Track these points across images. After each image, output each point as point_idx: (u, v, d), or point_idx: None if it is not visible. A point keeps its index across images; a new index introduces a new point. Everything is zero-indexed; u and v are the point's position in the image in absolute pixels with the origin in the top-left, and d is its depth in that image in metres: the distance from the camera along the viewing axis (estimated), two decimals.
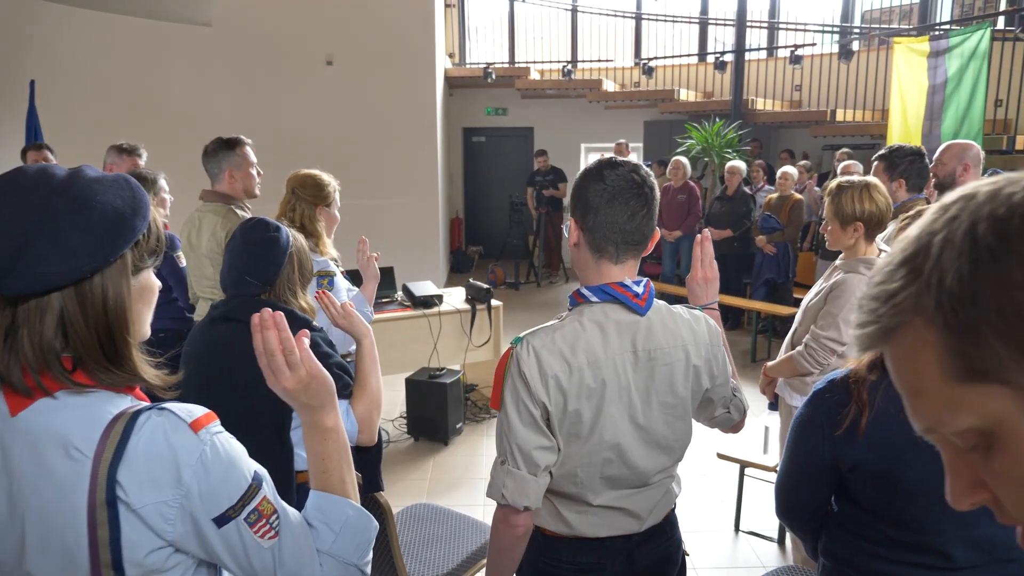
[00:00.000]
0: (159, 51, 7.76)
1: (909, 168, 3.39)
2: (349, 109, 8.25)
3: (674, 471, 1.63)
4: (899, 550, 1.41)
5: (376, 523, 1.11)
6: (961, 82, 6.50)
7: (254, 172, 3.19)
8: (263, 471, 1.02)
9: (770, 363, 2.80)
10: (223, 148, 3.12)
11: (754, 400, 4.11)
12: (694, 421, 1.64)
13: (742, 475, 3.58)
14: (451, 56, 10.58)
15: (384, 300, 4.88)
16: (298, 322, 1.77)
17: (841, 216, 2.54)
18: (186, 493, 0.92)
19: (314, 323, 1.84)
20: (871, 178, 2.60)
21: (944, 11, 9.13)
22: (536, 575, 1.61)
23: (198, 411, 0.97)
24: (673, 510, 1.68)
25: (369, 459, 1.89)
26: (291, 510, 1.04)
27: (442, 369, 4.72)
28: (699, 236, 1.74)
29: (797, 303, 6.77)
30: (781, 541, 3.44)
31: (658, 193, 1.50)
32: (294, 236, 1.93)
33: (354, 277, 3.12)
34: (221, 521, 0.94)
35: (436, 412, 4.56)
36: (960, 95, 6.51)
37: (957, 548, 1.39)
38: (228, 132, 3.22)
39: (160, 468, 0.91)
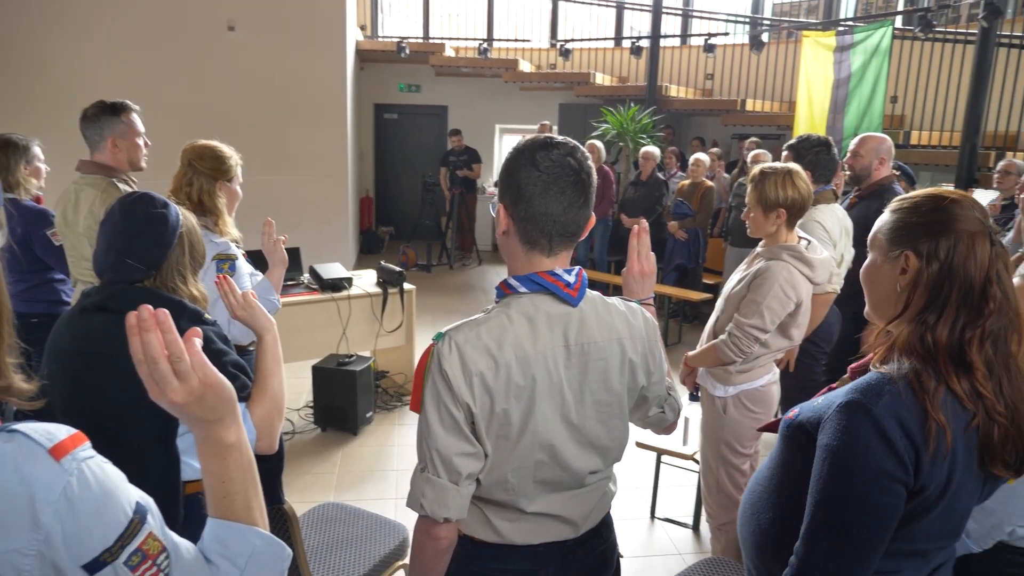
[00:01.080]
0: (41, 10, 7.09)
1: (816, 159, 3.42)
2: (253, 79, 7.79)
3: (610, 472, 1.54)
4: (888, 559, 1.29)
5: (289, 550, 0.95)
6: (864, 77, 6.73)
7: (141, 142, 2.89)
8: (148, 501, 0.84)
9: (691, 353, 2.76)
10: (106, 113, 2.81)
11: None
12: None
13: (659, 463, 3.57)
14: (363, 28, 10.19)
15: (289, 283, 4.62)
16: (187, 315, 1.56)
17: (764, 203, 2.52)
18: (45, 537, 0.75)
19: (206, 314, 1.63)
20: (793, 165, 2.59)
21: (848, 7, 9.47)
22: None
23: (61, 432, 0.79)
24: (609, 512, 1.59)
25: (268, 469, 1.70)
26: (184, 544, 0.87)
27: (351, 356, 4.51)
28: (636, 228, 1.64)
29: (707, 288, 6.93)
30: (696, 527, 3.46)
31: (595, 177, 1.38)
32: (184, 214, 1.70)
33: (256, 259, 2.88)
34: (94, 568, 0.77)
35: (345, 401, 4.35)
36: (863, 90, 6.75)
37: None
38: (115, 98, 2.91)
39: (9, 508, 0.73)
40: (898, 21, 7.02)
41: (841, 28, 7.12)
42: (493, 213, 1.42)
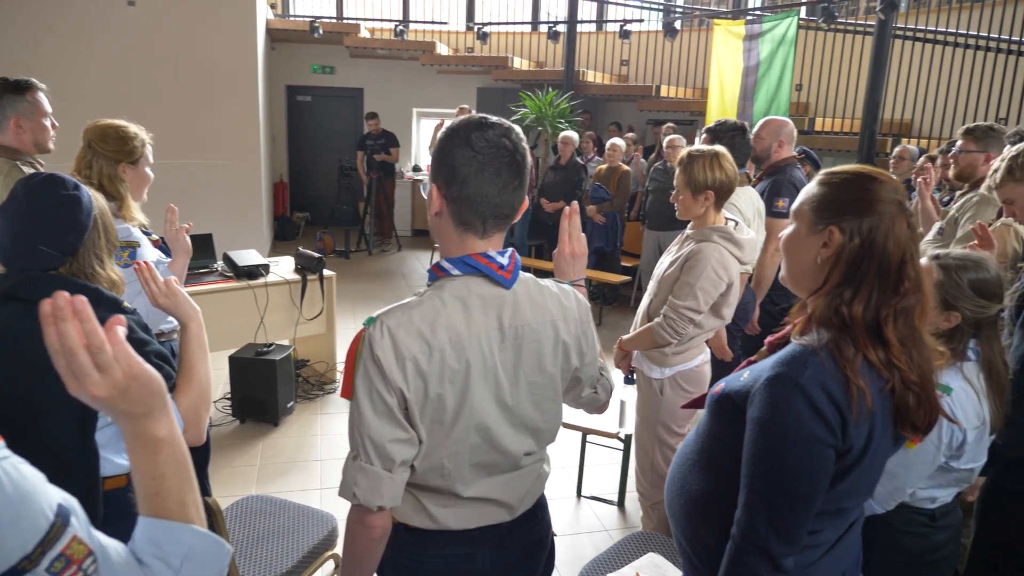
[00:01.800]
0: None
1: (732, 142, 3.54)
2: (156, 58, 7.41)
3: (544, 453, 1.55)
4: (813, 520, 1.34)
5: (229, 547, 0.91)
6: (771, 66, 6.98)
7: (47, 123, 2.72)
8: (71, 502, 0.79)
9: (626, 336, 2.80)
10: (9, 92, 2.62)
11: None
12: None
13: (584, 443, 3.64)
14: (273, 7, 9.85)
15: (202, 270, 4.44)
16: (105, 303, 1.47)
17: (693, 185, 2.56)
18: None
19: (124, 302, 1.54)
20: (719, 148, 2.64)
21: None
22: (400, 572, 1.47)
23: None
24: (543, 493, 1.60)
25: (195, 462, 1.63)
26: (113, 546, 0.82)
27: (270, 345, 4.39)
28: (567, 210, 1.64)
29: (625, 271, 7.08)
30: (621, 504, 3.54)
31: (530, 159, 1.38)
32: (95, 195, 1.60)
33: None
34: None
35: (264, 391, 4.23)
36: (770, 78, 7.00)
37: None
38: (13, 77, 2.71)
39: None
40: (803, 12, 7.30)
41: (750, 18, 7.35)
42: (425, 194, 1.39)
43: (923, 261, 1.86)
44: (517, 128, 1.36)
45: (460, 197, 1.31)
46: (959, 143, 3.65)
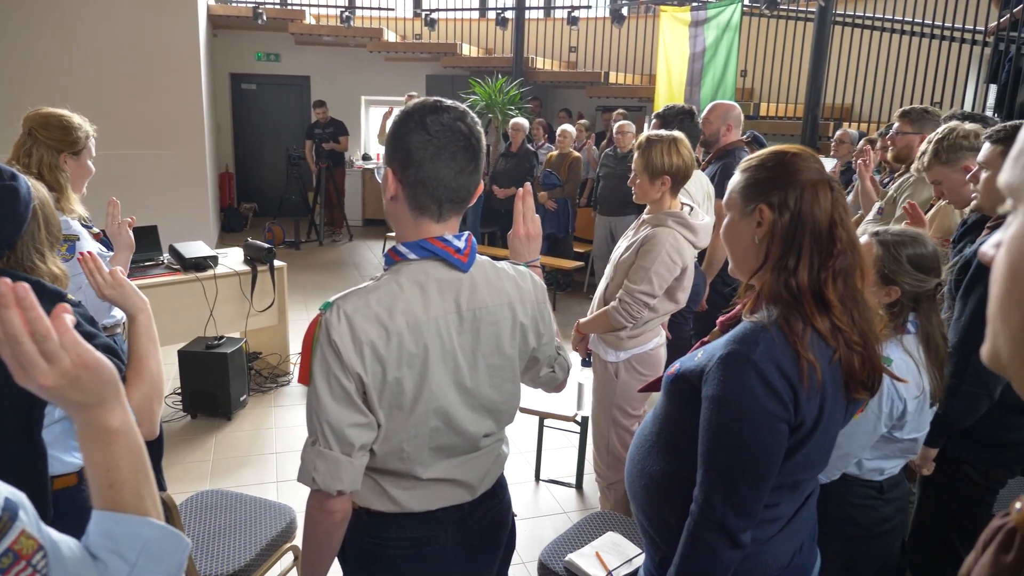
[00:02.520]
0: None
1: (680, 126, 3.59)
2: (94, 45, 7.15)
3: (502, 434, 1.56)
4: (769, 493, 1.38)
5: (188, 540, 0.89)
6: (717, 52, 7.09)
7: None
8: (19, 496, 0.77)
9: (583, 320, 2.83)
10: None
11: None
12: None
13: (541, 427, 3.67)
14: None
15: (147, 263, 4.32)
16: (47, 295, 1.42)
17: (650, 169, 2.59)
18: None
19: (68, 295, 1.50)
20: (677, 133, 2.67)
21: None
22: (361, 556, 1.47)
23: None
24: (503, 473, 1.62)
25: (149, 456, 1.60)
26: (65, 541, 0.79)
27: (221, 338, 4.30)
28: (520, 191, 1.65)
29: (578, 256, 7.13)
30: (579, 486, 3.59)
31: (484, 143, 1.38)
32: (35, 185, 1.55)
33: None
34: None
35: (216, 385, 4.15)
36: (716, 64, 7.11)
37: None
38: None
39: None
40: None
41: (695, 4, 7.44)
42: (379, 178, 1.38)
43: (863, 238, 1.92)
44: (472, 113, 1.36)
45: (415, 181, 1.31)
46: (896, 126, 3.78)
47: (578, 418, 3.32)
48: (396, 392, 1.32)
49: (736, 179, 1.43)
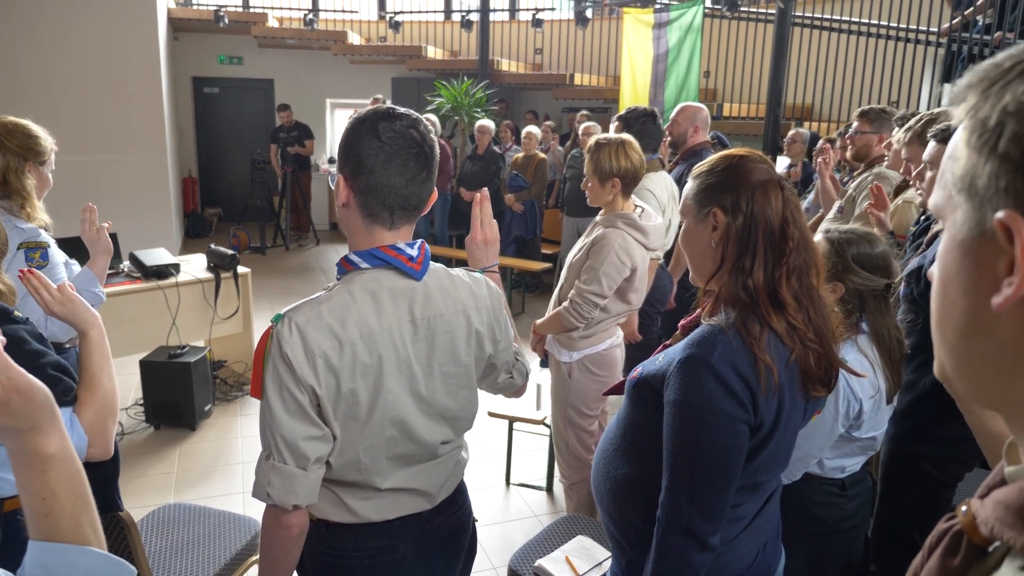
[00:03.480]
0: None
1: (643, 128, 3.63)
2: (51, 49, 6.99)
3: (461, 441, 1.55)
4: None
5: (132, 568, 0.86)
6: (680, 53, 7.15)
7: None
8: None
9: (539, 321, 2.84)
10: None
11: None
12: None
13: (511, 431, 3.66)
14: None
15: (108, 272, 4.23)
16: None
17: (600, 172, 2.62)
18: None
19: (15, 311, 1.45)
20: (625, 136, 2.70)
21: None
22: (320, 568, 1.45)
23: None
24: (462, 479, 1.61)
25: (103, 476, 1.56)
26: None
27: (184, 346, 4.23)
28: (478, 196, 1.65)
29: (546, 258, 7.14)
30: (550, 489, 3.59)
31: (438, 151, 1.37)
32: None
33: (71, 247, 2.63)
34: None
35: (180, 395, 4.08)
36: (679, 65, 7.17)
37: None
38: None
39: None
40: (708, 0, 7.50)
41: (658, 6, 7.50)
42: (333, 185, 1.37)
43: (817, 236, 1.95)
44: (424, 121, 1.35)
45: (367, 188, 1.30)
46: (855, 125, 3.85)
47: (547, 420, 3.33)
48: (351, 403, 1.31)
49: (689, 185, 1.45)
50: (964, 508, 0.55)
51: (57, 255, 2.32)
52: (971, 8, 5.35)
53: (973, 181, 0.50)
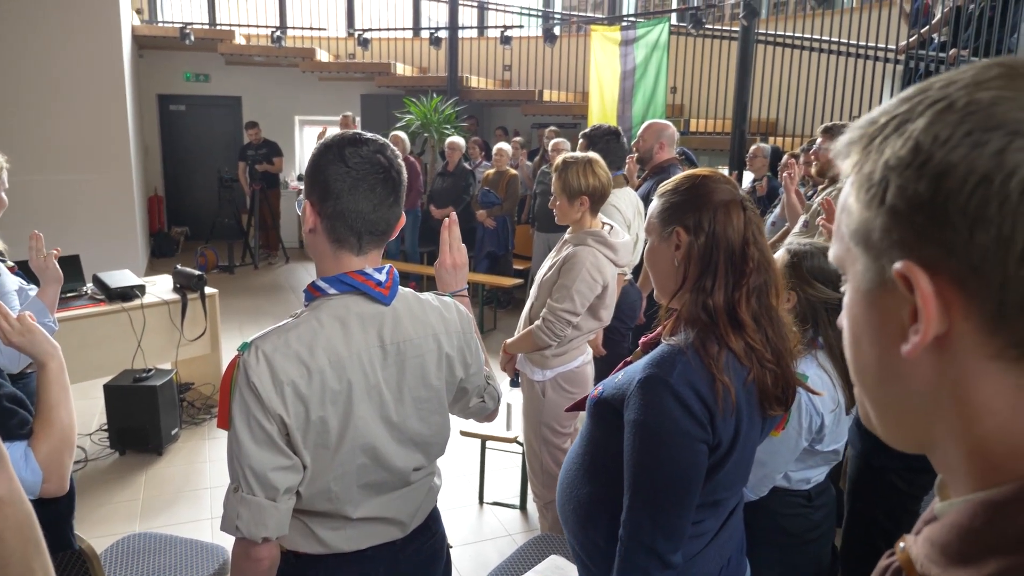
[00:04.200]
0: None
1: (607, 146, 3.67)
2: (13, 65, 6.86)
3: (434, 467, 1.54)
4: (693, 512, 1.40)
5: None
6: (647, 69, 7.24)
7: None
8: None
9: (509, 340, 2.84)
10: None
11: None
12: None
13: (483, 449, 3.64)
14: (139, 12, 9.33)
15: (70, 294, 4.15)
16: None
17: (568, 191, 2.63)
18: None
19: None
20: (592, 154, 2.73)
21: (630, 4, 10.12)
22: None
23: None
24: (436, 506, 1.59)
25: (58, 512, 1.51)
26: None
27: (150, 370, 4.15)
28: (446, 221, 1.65)
29: (518, 274, 7.15)
30: (523, 507, 3.58)
31: (405, 176, 1.37)
32: None
33: (31, 271, 2.56)
34: None
35: (145, 419, 4.00)
36: (646, 81, 7.26)
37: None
38: None
39: None
40: (673, 18, 7.62)
41: (624, 24, 7.60)
42: (299, 211, 1.36)
43: (779, 252, 1.98)
44: (392, 146, 1.35)
45: (334, 213, 1.29)
46: (819, 141, 3.92)
47: (519, 439, 3.32)
48: (321, 431, 1.29)
49: (654, 204, 1.47)
50: (902, 544, 0.56)
51: (9, 282, 2.25)
52: (927, 27, 5.50)
53: (868, 234, 0.51)
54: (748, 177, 5.95)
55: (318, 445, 1.30)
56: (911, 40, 5.56)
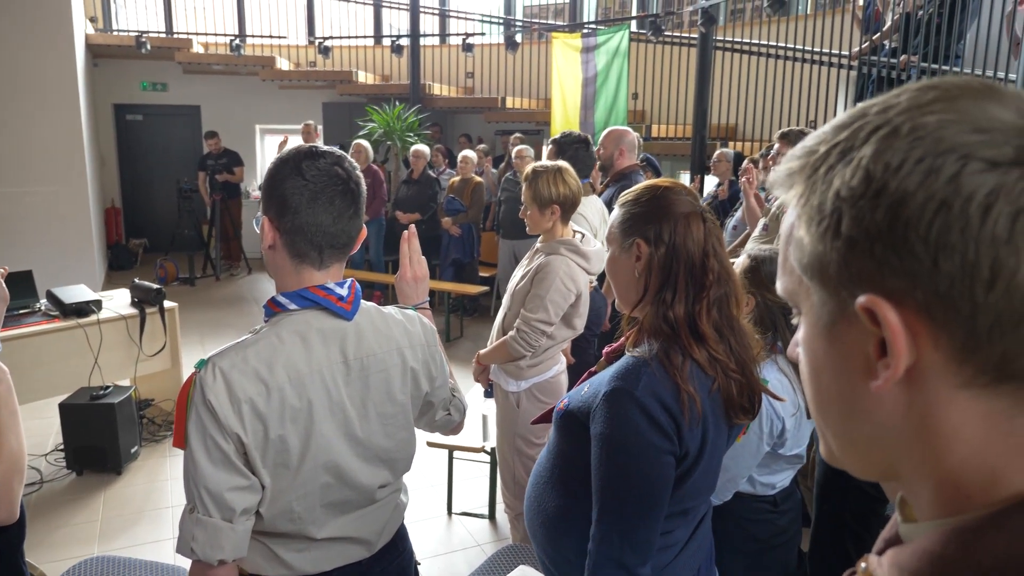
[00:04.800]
0: None
1: (576, 154, 3.69)
2: None
3: (400, 483, 1.52)
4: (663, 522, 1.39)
5: None
6: (608, 76, 7.30)
7: None
8: None
9: (483, 351, 2.82)
10: None
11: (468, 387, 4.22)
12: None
13: (451, 460, 3.62)
14: (93, 20, 9.14)
15: (22, 311, 4.04)
16: None
17: (539, 200, 2.62)
18: None
19: None
20: (562, 163, 2.73)
21: (591, 11, 10.20)
22: None
23: None
24: (403, 523, 1.57)
25: (8, 541, 1.46)
26: None
27: (108, 387, 4.04)
28: (405, 234, 1.63)
29: (484, 281, 7.14)
30: (492, 517, 3.56)
31: (364, 187, 1.36)
32: None
33: None
34: None
35: (104, 438, 3.89)
36: (608, 88, 7.32)
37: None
38: None
39: None
40: (633, 25, 7.69)
41: (585, 31, 7.65)
42: (257, 228, 1.34)
43: (741, 257, 2.00)
44: (349, 158, 1.34)
45: (293, 228, 1.27)
46: (776, 147, 3.99)
47: (487, 448, 3.30)
48: (280, 450, 1.26)
49: (615, 214, 1.47)
50: (863, 564, 0.55)
51: None
52: (878, 33, 5.64)
53: (823, 268, 0.50)
54: (711, 182, 6.03)
55: (278, 464, 1.27)
56: (863, 46, 5.69)
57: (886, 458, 0.52)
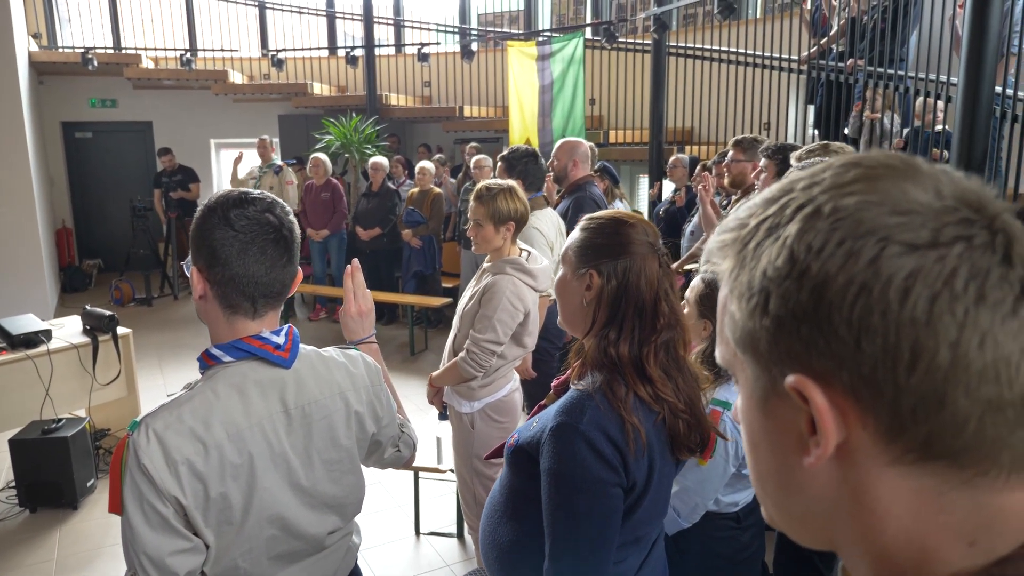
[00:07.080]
0: None
1: (526, 168, 3.67)
2: None
3: (351, 527, 1.49)
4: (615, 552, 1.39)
5: None
6: (564, 83, 7.33)
7: None
8: None
9: (435, 373, 2.79)
10: None
11: (424, 408, 4.15)
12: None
13: (417, 480, 3.59)
14: (36, 37, 8.91)
15: None
16: None
17: (497, 216, 2.61)
18: None
19: None
20: (511, 182, 2.73)
21: (545, 19, 10.23)
22: None
23: None
24: (356, 565, 1.54)
25: None
26: None
27: (60, 419, 3.93)
28: (348, 268, 1.60)
29: (447, 292, 7.11)
30: (460, 535, 3.53)
31: (298, 232, 1.32)
32: None
33: None
34: None
35: (58, 473, 3.78)
36: (564, 95, 7.35)
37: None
38: None
39: None
40: (588, 32, 7.73)
41: (540, 39, 7.67)
42: (188, 273, 1.30)
43: (695, 280, 2.01)
44: (281, 202, 1.30)
45: (224, 279, 1.24)
46: (730, 154, 4.03)
47: (442, 468, 3.28)
48: (223, 507, 1.23)
49: (575, 236, 1.45)
50: None
51: None
52: (826, 38, 5.73)
53: (754, 344, 0.50)
54: (669, 187, 6.08)
55: (221, 522, 1.24)
56: (812, 51, 5.78)
57: (824, 530, 0.52)
